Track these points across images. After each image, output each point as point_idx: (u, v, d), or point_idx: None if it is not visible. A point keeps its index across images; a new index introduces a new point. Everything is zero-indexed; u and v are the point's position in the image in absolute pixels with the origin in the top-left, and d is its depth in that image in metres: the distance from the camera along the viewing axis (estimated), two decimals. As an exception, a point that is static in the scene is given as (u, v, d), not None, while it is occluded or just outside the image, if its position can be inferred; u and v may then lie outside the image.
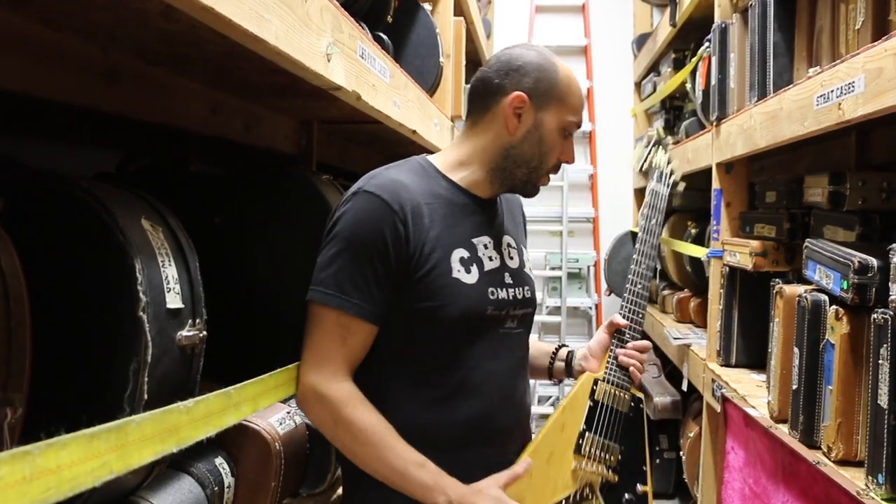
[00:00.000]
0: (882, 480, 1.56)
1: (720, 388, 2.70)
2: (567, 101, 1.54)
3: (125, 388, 0.90)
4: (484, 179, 1.56)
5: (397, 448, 1.37)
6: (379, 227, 1.39)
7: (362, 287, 1.38)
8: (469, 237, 1.50)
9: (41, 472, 0.59)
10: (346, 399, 1.37)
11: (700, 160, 3.32)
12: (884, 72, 1.48)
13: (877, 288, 1.66)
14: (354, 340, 1.41)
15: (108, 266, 0.92)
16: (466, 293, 1.45)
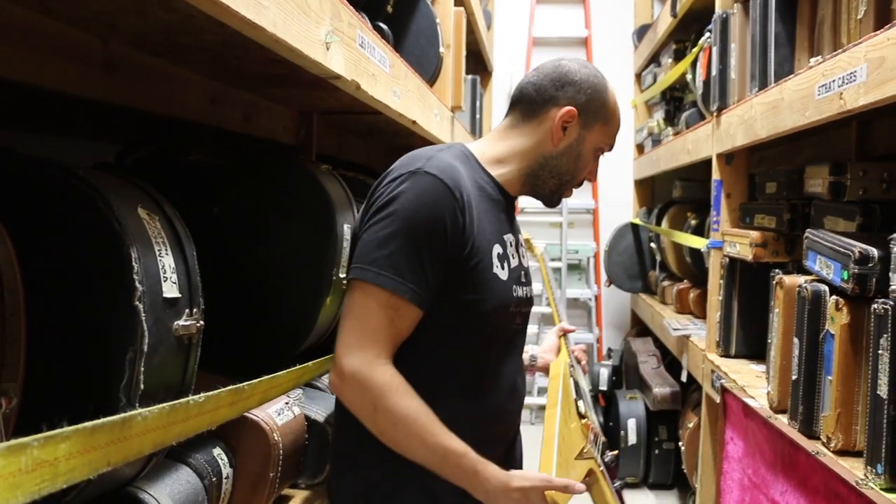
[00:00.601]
0: (881, 470, 1.56)
1: (719, 379, 2.70)
2: (610, 125, 1.61)
3: (121, 378, 0.89)
4: (516, 180, 1.57)
5: (440, 436, 1.34)
6: (441, 213, 1.35)
7: (417, 270, 1.33)
8: (502, 233, 1.51)
9: (38, 465, 0.58)
10: (389, 385, 1.33)
11: (700, 151, 3.32)
12: (886, 61, 1.47)
13: (877, 278, 1.66)
14: (402, 324, 1.36)
15: (104, 255, 0.91)
16: (501, 289, 1.46)
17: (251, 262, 1.59)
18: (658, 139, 4.89)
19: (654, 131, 5.00)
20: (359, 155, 3.50)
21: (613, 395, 4.66)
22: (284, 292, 1.61)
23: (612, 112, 1.61)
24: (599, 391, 4.89)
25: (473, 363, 1.47)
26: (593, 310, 5.76)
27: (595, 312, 5.76)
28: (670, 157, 4.15)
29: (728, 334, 2.96)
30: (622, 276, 5.29)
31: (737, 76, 2.83)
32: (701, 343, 3.26)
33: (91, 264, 0.93)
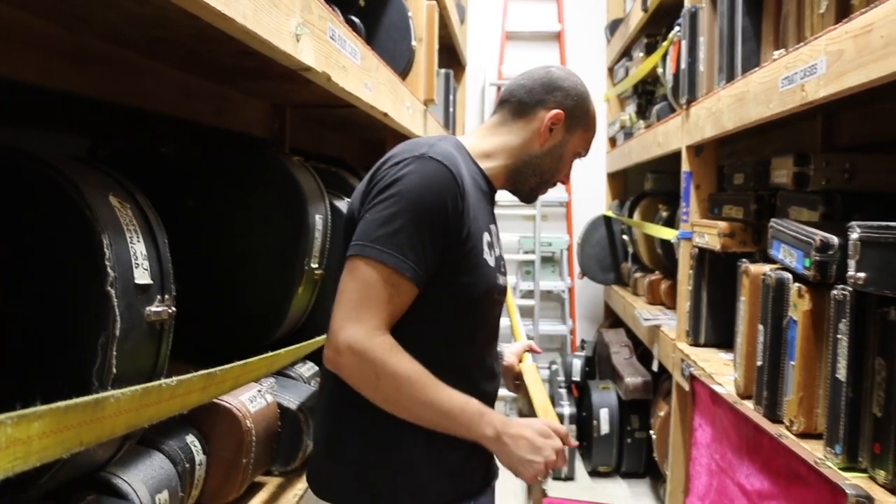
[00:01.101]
0: (839, 450, 1.60)
1: (689, 368, 2.74)
2: (589, 132, 1.70)
3: (94, 362, 0.91)
4: (501, 174, 1.64)
5: (442, 390, 1.39)
6: (444, 196, 1.39)
7: (419, 250, 1.36)
8: (489, 223, 1.57)
9: (11, 443, 0.60)
10: (389, 350, 1.36)
11: (670, 143, 3.36)
12: (844, 53, 1.52)
13: (837, 265, 1.70)
14: (400, 301, 1.39)
15: (76, 241, 0.93)
16: (490, 275, 1.51)
17: (224, 253, 1.61)
18: (630, 132, 4.94)
19: (626, 124, 5.05)
20: (333, 149, 3.51)
21: (586, 386, 4.71)
22: (257, 283, 1.62)
23: (592, 120, 1.70)
24: (573, 381, 4.93)
25: (461, 345, 1.51)
26: (567, 302, 5.81)
27: (568, 304, 5.81)
28: (642, 149, 4.20)
29: (697, 324, 3.01)
30: (595, 269, 5.34)
31: (705, 69, 2.87)
32: (671, 333, 3.31)
33: (63, 251, 0.94)
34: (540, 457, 1.44)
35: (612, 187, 5.79)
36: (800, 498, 1.67)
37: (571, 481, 4.49)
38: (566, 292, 5.82)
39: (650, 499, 4.25)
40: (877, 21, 1.37)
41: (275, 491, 1.62)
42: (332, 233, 1.80)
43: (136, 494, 1.14)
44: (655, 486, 4.33)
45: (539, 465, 1.44)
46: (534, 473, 1.45)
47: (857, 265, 1.50)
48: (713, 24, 2.79)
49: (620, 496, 4.31)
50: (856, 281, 1.50)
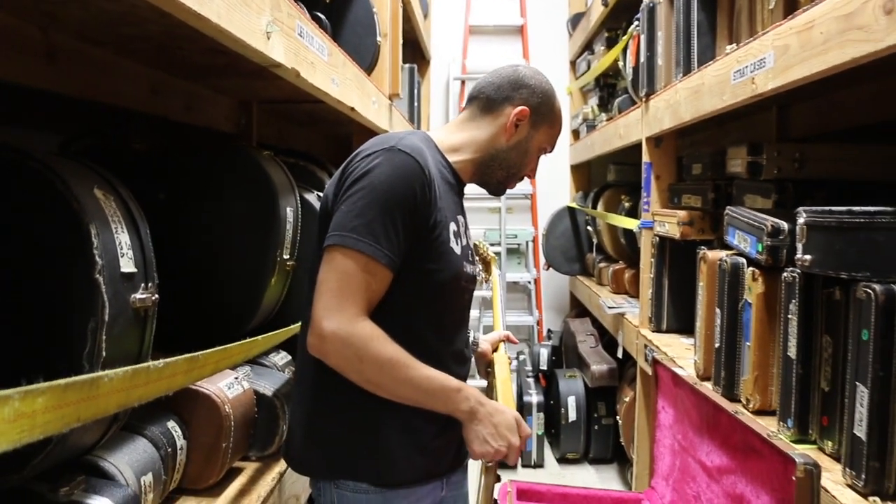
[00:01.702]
0: (791, 424, 1.69)
1: (652, 353, 2.83)
2: (554, 128, 1.77)
3: (84, 347, 0.95)
4: (469, 168, 1.70)
5: (422, 369, 1.46)
6: (412, 185, 1.46)
7: (392, 238, 1.43)
8: (456, 214, 1.63)
9: (19, 416, 0.64)
10: (371, 336, 1.42)
11: (631, 135, 3.45)
12: (789, 48, 1.59)
13: (787, 249, 1.79)
14: (377, 287, 1.45)
15: (65, 232, 0.97)
16: (456, 262, 1.57)
17: (198, 247, 1.64)
18: (593, 125, 5.02)
19: (588, 117, 5.13)
20: (299, 143, 3.54)
21: (553, 375, 4.79)
22: (231, 274, 1.66)
23: (557, 117, 1.76)
24: (540, 371, 5.01)
25: (430, 330, 1.57)
26: (533, 293, 5.89)
27: (535, 295, 5.89)
28: (604, 141, 4.28)
29: (659, 310, 3.10)
30: (560, 260, 5.42)
31: (663, 63, 2.95)
32: (635, 320, 3.39)
33: (53, 241, 0.98)
34: (495, 443, 1.51)
35: (576, 179, 5.88)
36: (755, 470, 1.75)
37: (541, 468, 4.57)
38: (532, 283, 5.90)
39: (618, 483, 4.35)
40: (817, 18, 1.45)
41: (253, 475, 1.67)
42: (303, 225, 1.84)
43: (123, 476, 1.19)
44: (623, 471, 4.43)
45: (490, 449, 1.52)
46: (482, 453, 1.53)
47: (804, 248, 1.59)
48: (670, 19, 2.87)
49: (589, 481, 4.39)
50: (803, 263, 1.59)
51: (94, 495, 1.08)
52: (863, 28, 1.28)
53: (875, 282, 1.40)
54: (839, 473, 1.50)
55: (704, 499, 2.10)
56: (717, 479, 2.01)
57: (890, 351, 1.37)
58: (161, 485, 1.33)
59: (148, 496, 1.27)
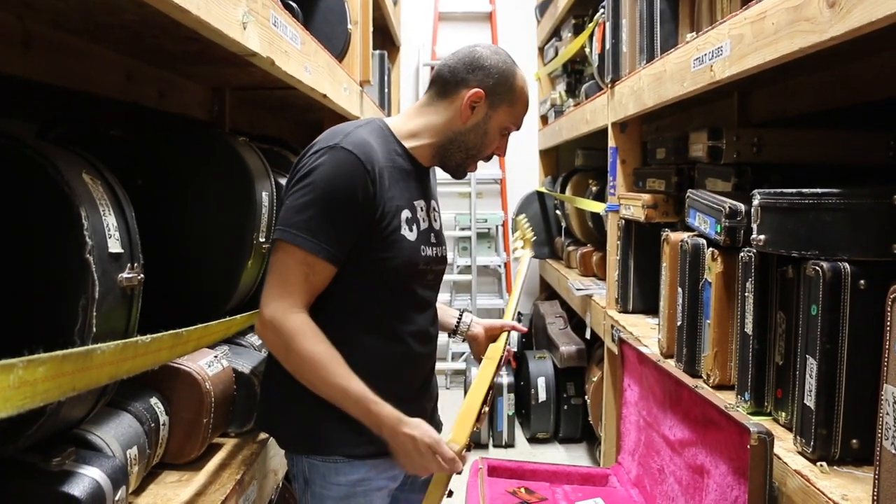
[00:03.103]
0: (748, 398, 1.78)
1: (618, 332, 2.91)
2: (515, 107, 1.74)
3: (76, 323, 1.00)
4: (428, 152, 1.72)
5: (340, 377, 1.50)
6: (353, 184, 1.52)
7: (331, 233, 1.51)
8: (412, 199, 1.66)
9: (22, 383, 0.70)
10: (300, 330, 1.49)
11: (597, 120, 3.52)
12: (744, 38, 1.67)
13: (744, 230, 1.87)
14: (316, 279, 1.53)
15: (57, 215, 1.02)
16: (408, 247, 1.62)
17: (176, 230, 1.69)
18: (561, 110, 5.09)
19: (556, 103, 5.20)
20: (271, 130, 3.57)
21: (524, 356, 4.88)
22: (208, 257, 1.71)
23: (518, 95, 1.73)
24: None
25: (387, 310, 1.64)
26: (503, 276, 5.97)
27: (505, 279, 5.97)
28: (572, 126, 4.35)
29: (626, 291, 3.19)
30: (531, 244, 5.48)
31: (628, 50, 3.02)
32: (602, 301, 3.48)
33: (45, 223, 1.03)
34: (419, 459, 1.53)
35: (545, 164, 5.96)
36: (714, 442, 1.84)
37: (512, 448, 4.66)
38: (502, 267, 5.98)
39: (587, 461, 4.45)
40: (769, 9, 1.53)
41: (232, 450, 1.72)
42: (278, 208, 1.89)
43: (110, 448, 1.24)
44: (592, 450, 4.53)
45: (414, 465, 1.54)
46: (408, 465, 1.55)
47: (758, 228, 1.67)
48: (635, 7, 2.94)
49: (559, 460, 4.49)
50: (758, 242, 1.67)
51: (85, 465, 1.13)
52: (809, 20, 1.36)
53: (823, 259, 1.48)
54: (791, 442, 1.59)
55: (668, 471, 2.19)
56: (679, 451, 2.10)
57: (836, 325, 1.45)
58: (145, 458, 1.38)
59: (134, 468, 1.32)
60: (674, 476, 2.13)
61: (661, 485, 2.24)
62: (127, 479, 1.23)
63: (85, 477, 1.12)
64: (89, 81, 1.85)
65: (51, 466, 1.10)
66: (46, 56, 1.67)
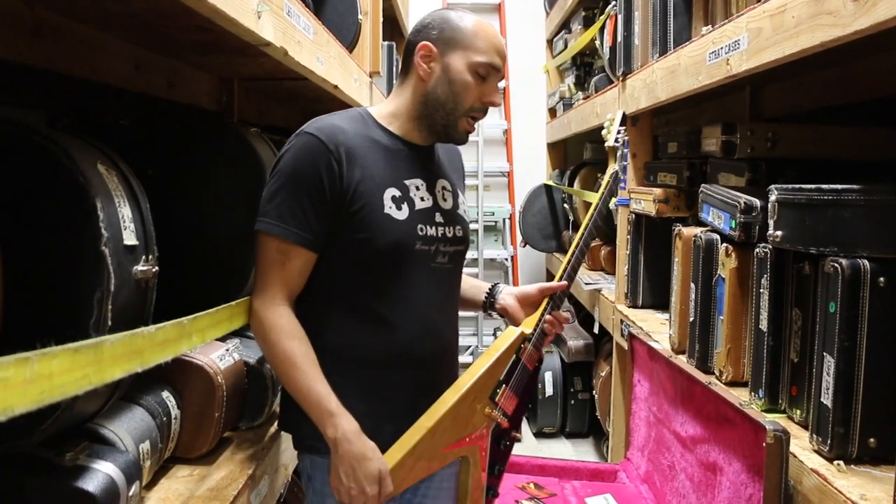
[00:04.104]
0: (762, 395, 1.76)
1: (628, 328, 2.90)
2: (473, 44, 1.63)
3: (90, 316, 0.99)
4: (413, 128, 1.68)
5: (305, 379, 1.50)
6: (315, 164, 1.53)
7: (300, 217, 1.52)
8: (402, 179, 1.63)
9: (38, 377, 0.68)
10: (275, 325, 1.52)
11: (608, 113, 3.48)
12: (762, 31, 1.65)
13: (759, 226, 1.85)
14: (292, 266, 1.54)
15: (72, 206, 1.01)
16: (395, 227, 1.58)
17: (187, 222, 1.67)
18: (569, 103, 5.07)
19: (565, 95, 5.17)
20: (280, 120, 3.55)
21: (531, 350, 4.85)
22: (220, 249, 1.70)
23: (470, 35, 1.64)
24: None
25: (377, 297, 1.60)
26: (510, 270, 5.96)
27: (511, 272, 5.96)
28: (581, 120, 4.33)
29: (635, 286, 3.17)
30: (537, 237, 5.48)
31: (640, 43, 3.00)
32: (611, 296, 3.46)
33: (60, 214, 1.02)
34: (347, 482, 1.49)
35: (553, 157, 5.93)
36: (727, 439, 1.83)
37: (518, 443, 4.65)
38: (509, 260, 5.96)
39: (594, 456, 4.44)
40: (789, 3, 1.50)
41: (243, 444, 1.71)
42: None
43: (123, 443, 1.23)
44: (598, 445, 4.52)
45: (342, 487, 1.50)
46: (333, 487, 1.51)
47: (775, 224, 1.65)
48: (647, 0, 2.91)
49: (565, 455, 4.49)
50: (774, 239, 1.65)
51: (98, 460, 1.13)
52: (832, 13, 1.33)
53: (842, 256, 1.47)
54: (806, 440, 1.57)
55: (679, 468, 2.18)
56: (690, 448, 2.09)
57: (855, 322, 1.44)
58: (157, 452, 1.37)
59: (146, 463, 1.31)
60: (685, 473, 2.12)
61: (672, 481, 2.22)
62: (140, 473, 1.23)
63: (99, 472, 1.11)
64: (98, 70, 1.83)
65: (64, 461, 1.10)
66: (55, 44, 1.65)
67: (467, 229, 1.78)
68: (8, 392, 0.64)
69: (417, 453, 1.56)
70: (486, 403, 1.69)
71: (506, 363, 1.73)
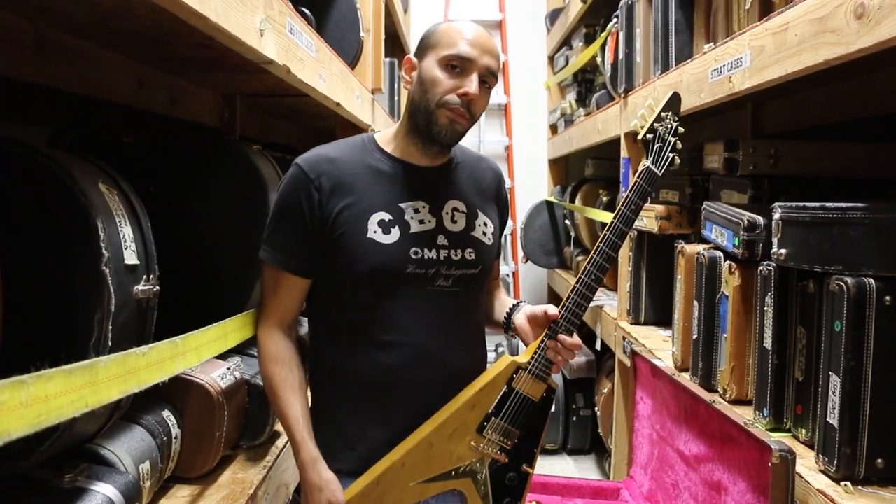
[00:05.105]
0: (766, 413, 1.75)
1: (630, 345, 2.88)
2: (441, 41, 1.60)
3: (90, 337, 0.98)
4: (410, 145, 1.66)
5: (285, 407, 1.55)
6: (297, 193, 1.57)
7: (286, 244, 1.57)
8: (396, 202, 1.61)
9: (34, 400, 0.68)
10: (265, 352, 1.59)
11: (609, 130, 3.50)
12: (765, 49, 1.65)
13: (763, 243, 1.84)
14: (283, 291, 1.60)
15: (73, 225, 1.00)
16: (379, 251, 1.56)
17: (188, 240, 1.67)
18: (571, 119, 5.07)
19: (566, 112, 5.18)
20: (282, 137, 3.55)
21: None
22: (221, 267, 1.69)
23: (440, 34, 1.61)
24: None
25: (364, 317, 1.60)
26: (511, 286, 5.94)
27: (513, 288, 5.94)
28: (582, 136, 4.33)
29: (638, 303, 3.16)
30: (538, 253, 5.47)
31: (642, 60, 3.00)
32: (613, 312, 3.45)
33: (61, 234, 1.01)
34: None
35: (554, 173, 5.93)
36: (732, 458, 1.81)
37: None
38: (511, 276, 5.95)
39: (596, 473, 4.41)
40: (791, 21, 1.50)
41: (244, 464, 1.70)
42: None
43: (123, 464, 1.22)
44: (601, 462, 4.49)
45: None
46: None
47: (779, 242, 1.64)
48: (649, 17, 2.92)
49: (567, 472, 4.46)
50: (778, 257, 1.64)
51: (98, 482, 1.11)
52: (835, 31, 1.33)
53: (847, 275, 1.46)
54: (812, 460, 1.56)
55: (682, 486, 2.16)
56: (694, 467, 2.07)
57: (861, 342, 1.43)
58: (158, 472, 1.36)
59: (146, 483, 1.30)
60: (689, 492, 2.10)
61: (676, 500, 2.20)
62: (140, 495, 1.21)
63: (98, 494, 1.10)
64: (101, 87, 1.83)
65: (63, 483, 1.08)
66: (58, 61, 1.65)
67: (484, 252, 1.70)
68: (4, 416, 0.63)
69: (383, 485, 1.54)
70: (473, 437, 1.61)
71: (493, 394, 1.62)
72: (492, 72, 1.61)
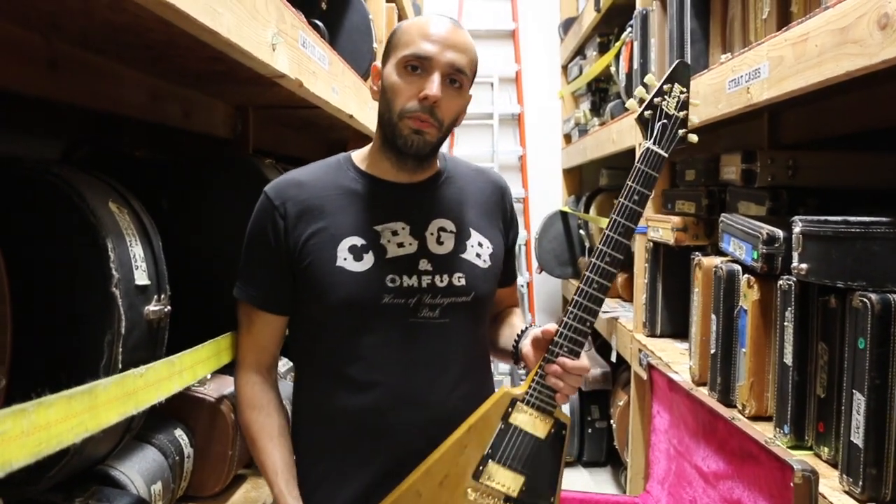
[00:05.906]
0: (787, 430, 1.72)
1: (646, 357, 2.85)
2: (400, 42, 1.47)
3: (100, 359, 0.97)
4: (384, 161, 1.53)
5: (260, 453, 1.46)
6: (263, 223, 1.49)
7: (253, 277, 1.51)
8: (371, 224, 1.48)
9: (35, 428, 0.66)
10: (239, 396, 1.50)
11: (624, 140, 3.47)
12: (784, 60, 1.62)
13: (783, 257, 1.81)
14: (256, 329, 1.51)
15: (83, 246, 0.99)
16: (349, 281, 1.43)
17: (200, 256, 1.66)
18: (585, 129, 5.05)
19: (580, 121, 5.16)
20: (294, 149, 3.55)
21: (546, 379, 4.80)
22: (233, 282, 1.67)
23: (399, 34, 1.49)
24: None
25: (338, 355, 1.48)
26: (526, 296, 5.91)
27: (528, 299, 5.91)
28: (596, 146, 4.30)
29: (653, 315, 3.12)
30: (552, 263, 5.44)
31: (657, 69, 2.98)
32: (629, 324, 3.41)
33: (70, 254, 1.00)
34: None
35: (568, 183, 5.90)
36: (752, 476, 1.77)
37: None
38: (525, 287, 5.92)
39: (612, 486, 4.37)
40: (811, 31, 1.48)
41: (256, 482, 1.69)
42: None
43: (134, 485, 1.20)
44: (616, 474, 4.45)
45: None
46: None
47: (800, 257, 1.61)
48: (663, 26, 2.90)
49: (583, 484, 4.42)
50: (799, 272, 1.61)
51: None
52: (858, 42, 1.30)
53: (871, 291, 1.43)
54: (836, 480, 1.52)
55: (701, 503, 2.12)
56: (713, 484, 2.04)
57: (886, 359, 1.39)
58: (170, 493, 1.35)
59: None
60: (707, 509, 2.07)
61: (694, 517, 2.17)
62: (150, 516, 1.20)
63: (107, 517, 1.08)
64: (114, 101, 1.83)
65: (72, 506, 1.07)
66: (71, 76, 1.65)
67: (477, 276, 1.53)
68: (6, 446, 0.62)
69: None
70: (470, 484, 1.42)
71: (487, 433, 1.42)
72: (458, 68, 1.44)
